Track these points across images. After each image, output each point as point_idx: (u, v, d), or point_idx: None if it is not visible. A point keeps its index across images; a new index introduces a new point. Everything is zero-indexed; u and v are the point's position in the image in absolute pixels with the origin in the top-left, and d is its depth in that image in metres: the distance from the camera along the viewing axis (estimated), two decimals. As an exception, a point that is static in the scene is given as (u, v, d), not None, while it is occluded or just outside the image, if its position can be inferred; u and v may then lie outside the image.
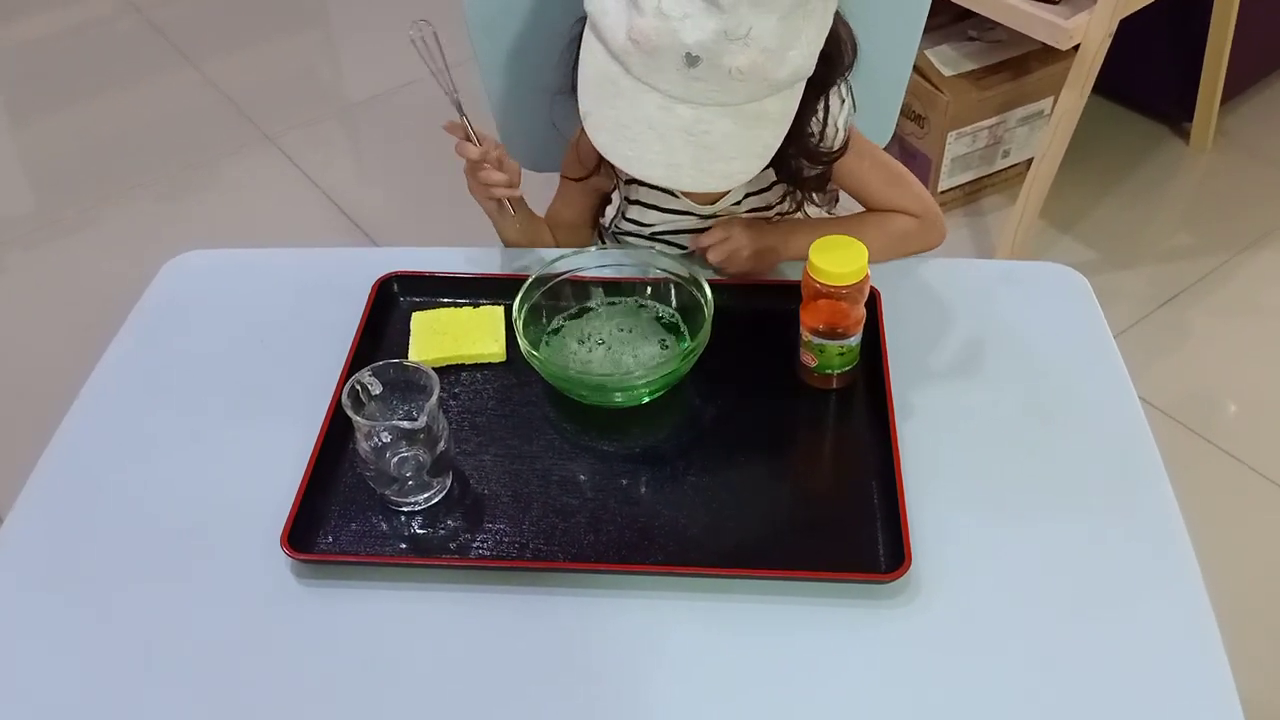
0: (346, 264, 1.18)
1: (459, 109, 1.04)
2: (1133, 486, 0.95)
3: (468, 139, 1.06)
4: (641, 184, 1.15)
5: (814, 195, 1.17)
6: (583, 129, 0.98)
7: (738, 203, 1.16)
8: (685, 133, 0.94)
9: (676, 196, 1.15)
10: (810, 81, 0.98)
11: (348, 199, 2.39)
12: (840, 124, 1.09)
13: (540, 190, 1.26)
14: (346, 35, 3.02)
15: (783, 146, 0.99)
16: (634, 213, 1.19)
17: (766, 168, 0.99)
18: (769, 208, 1.17)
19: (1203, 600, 0.87)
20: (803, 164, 1.09)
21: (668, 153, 0.94)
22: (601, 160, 1.11)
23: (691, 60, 0.91)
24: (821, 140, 1.08)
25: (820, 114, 1.07)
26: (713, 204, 1.15)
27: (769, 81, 0.93)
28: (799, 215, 1.18)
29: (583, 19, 0.99)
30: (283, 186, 2.44)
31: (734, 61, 0.91)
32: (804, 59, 0.95)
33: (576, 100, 0.98)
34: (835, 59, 1.02)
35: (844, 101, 1.09)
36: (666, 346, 1.06)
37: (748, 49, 0.90)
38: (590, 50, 0.97)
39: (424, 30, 1.00)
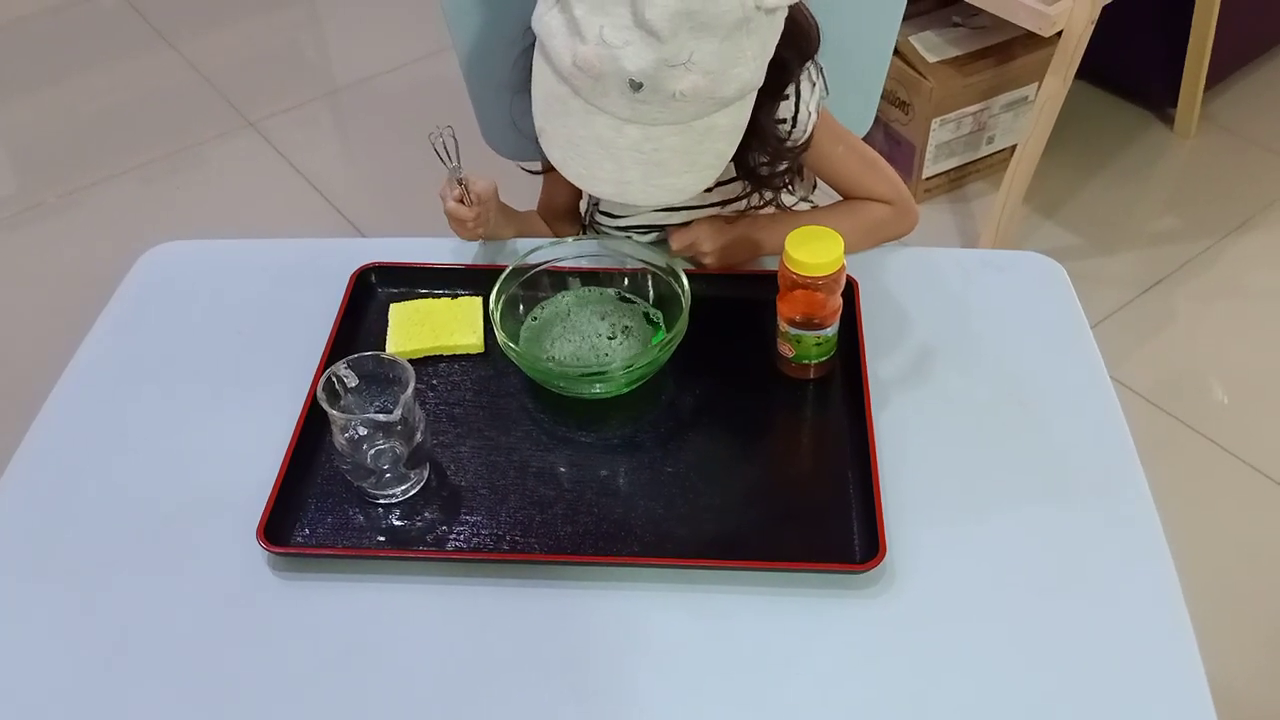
0: (325, 254, 1.18)
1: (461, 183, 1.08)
2: (1107, 474, 0.96)
3: (462, 201, 1.08)
4: None
5: (790, 184, 1.16)
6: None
7: (709, 190, 1.15)
8: (635, 151, 0.94)
9: None
10: (773, 75, 0.98)
11: (331, 185, 2.38)
12: (812, 107, 1.08)
13: (527, 181, 1.26)
14: (331, 16, 3.00)
15: (750, 147, 0.99)
16: (605, 204, 1.19)
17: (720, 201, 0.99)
18: (737, 197, 1.16)
19: (1174, 585, 0.88)
20: (770, 162, 1.08)
21: (618, 170, 0.95)
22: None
23: (635, 86, 0.91)
24: (794, 126, 1.08)
25: (792, 100, 1.06)
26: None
27: (715, 99, 0.94)
28: (771, 208, 1.18)
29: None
30: (266, 172, 2.43)
31: (677, 86, 0.91)
32: (751, 74, 0.95)
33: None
34: (798, 47, 1.02)
35: (814, 85, 1.08)
36: (644, 337, 1.06)
37: (690, 73, 0.91)
38: (540, 70, 0.97)
39: (444, 134, 1.04)
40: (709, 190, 1.15)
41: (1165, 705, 0.82)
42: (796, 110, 1.08)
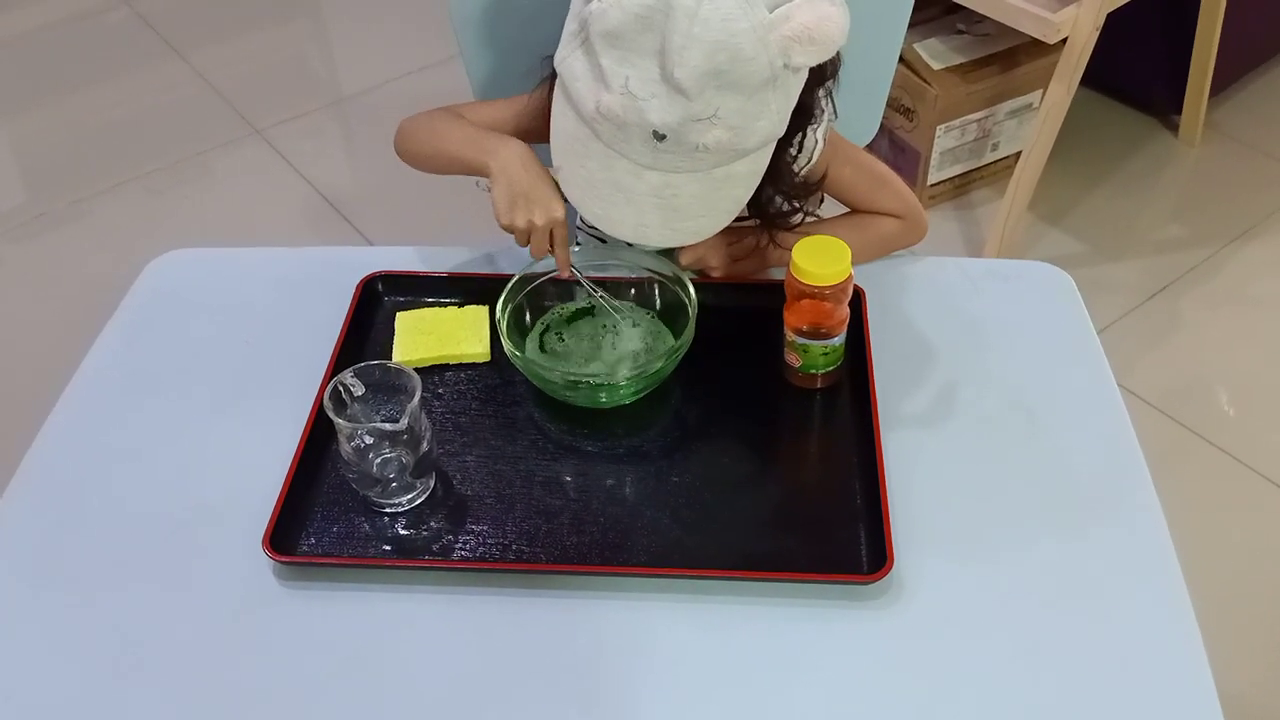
0: (331, 263, 1.18)
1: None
2: (1116, 485, 0.96)
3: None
4: None
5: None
6: (539, 91, 1.01)
7: None
8: (654, 196, 0.95)
9: None
10: (793, 121, 0.98)
11: (338, 194, 2.39)
12: (819, 135, 1.08)
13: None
14: (338, 26, 3.01)
15: (764, 189, 0.99)
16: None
17: None
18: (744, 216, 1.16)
19: (1183, 595, 0.87)
20: (775, 198, 1.08)
21: (637, 214, 0.96)
22: (545, 135, 1.10)
23: (659, 136, 0.92)
24: (800, 152, 1.06)
25: (799, 136, 1.05)
26: None
27: (737, 151, 0.94)
28: None
29: (550, 58, 0.99)
30: (273, 180, 2.43)
31: (701, 139, 0.92)
32: (773, 125, 0.95)
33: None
34: (817, 79, 1.01)
35: (823, 112, 1.08)
36: (650, 346, 1.06)
37: (714, 128, 0.91)
38: (561, 110, 0.98)
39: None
40: None
41: (1175, 718, 0.82)
42: (803, 138, 1.07)
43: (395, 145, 1.15)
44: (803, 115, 1.00)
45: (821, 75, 1.02)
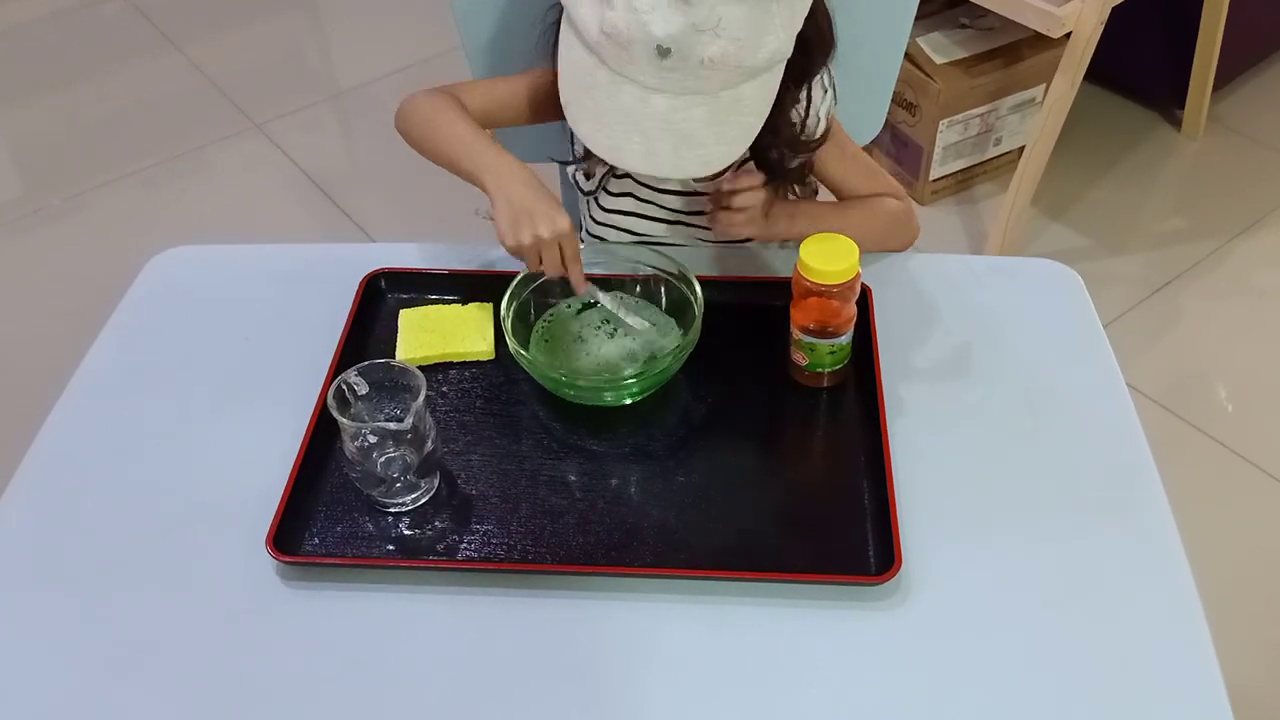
0: (334, 260, 1.17)
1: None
2: (1124, 483, 0.95)
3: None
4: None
5: (795, 188, 1.16)
6: (542, 69, 1.00)
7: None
8: (662, 122, 0.94)
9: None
10: (790, 72, 0.98)
11: (338, 188, 2.38)
12: (822, 114, 1.08)
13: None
14: (336, 18, 2.99)
15: (764, 139, 0.99)
16: (605, 215, 1.19)
17: (748, 158, 0.98)
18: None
19: (1191, 594, 0.87)
20: (784, 154, 1.08)
21: (646, 142, 0.95)
22: (542, 114, 1.11)
23: (663, 52, 0.91)
24: (803, 130, 1.07)
25: (802, 105, 1.06)
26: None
27: (743, 69, 0.94)
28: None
29: (559, 5, 0.99)
30: (271, 174, 2.42)
31: (705, 52, 0.91)
32: (779, 43, 0.95)
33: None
34: (816, 47, 1.02)
35: (826, 91, 1.08)
36: (657, 344, 1.05)
37: (718, 39, 0.91)
38: (567, 42, 0.98)
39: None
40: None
41: (1183, 714, 0.81)
42: (806, 115, 1.07)
43: (395, 124, 1.14)
44: (801, 69, 1.00)
45: (821, 54, 1.03)
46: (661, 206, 1.17)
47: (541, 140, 1.20)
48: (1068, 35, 1.89)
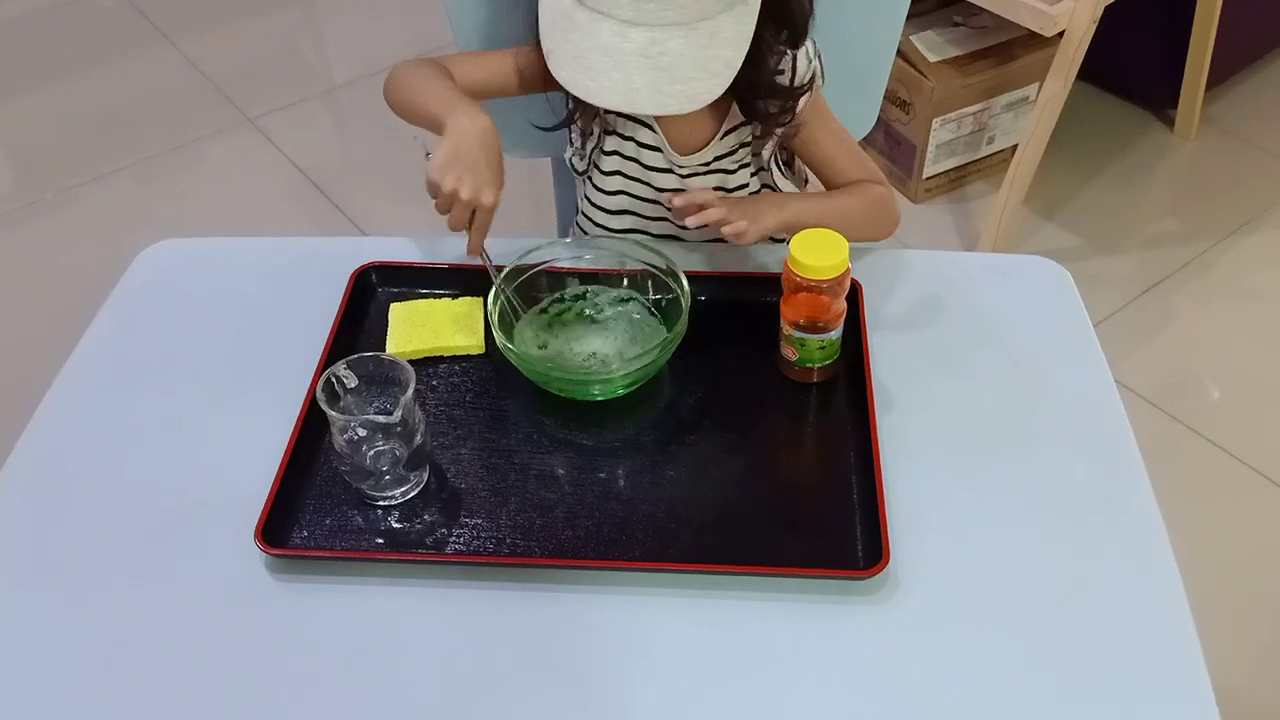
0: (324, 253, 1.17)
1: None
2: (1112, 480, 0.95)
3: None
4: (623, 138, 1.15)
5: (784, 168, 1.16)
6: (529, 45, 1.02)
7: (719, 152, 1.15)
8: (641, 56, 0.94)
9: (660, 151, 1.14)
10: (767, 10, 0.99)
11: (331, 183, 2.37)
12: (805, 76, 1.09)
13: (526, 178, 1.25)
14: (330, 13, 2.99)
15: (748, 89, 0.99)
16: (595, 212, 1.19)
17: (728, 95, 0.99)
18: (743, 145, 1.15)
19: (1179, 592, 0.87)
20: (769, 104, 1.09)
21: (625, 79, 0.95)
22: (530, 84, 1.13)
23: None
24: (792, 82, 1.09)
25: (788, 74, 1.08)
26: (693, 154, 1.14)
27: None
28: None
29: None
30: (264, 169, 2.42)
31: None
32: None
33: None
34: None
35: (811, 62, 1.10)
36: (643, 339, 1.05)
37: None
38: None
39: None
40: (720, 148, 1.14)
41: (1170, 712, 0.81)
42: (791, 82, 1.08)
43: (384, 93, 1.15)
44: (780, 16, 1.03)
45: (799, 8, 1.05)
46: (650, 185, 1.17)
47: (542, 139, 1.20)
48: (1061, 34, 1.90)
